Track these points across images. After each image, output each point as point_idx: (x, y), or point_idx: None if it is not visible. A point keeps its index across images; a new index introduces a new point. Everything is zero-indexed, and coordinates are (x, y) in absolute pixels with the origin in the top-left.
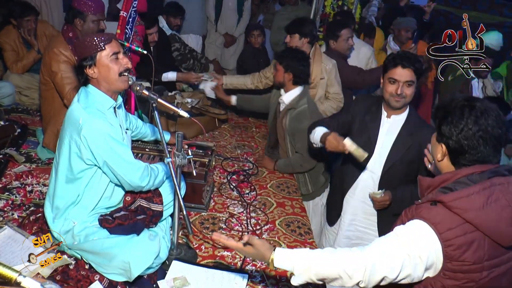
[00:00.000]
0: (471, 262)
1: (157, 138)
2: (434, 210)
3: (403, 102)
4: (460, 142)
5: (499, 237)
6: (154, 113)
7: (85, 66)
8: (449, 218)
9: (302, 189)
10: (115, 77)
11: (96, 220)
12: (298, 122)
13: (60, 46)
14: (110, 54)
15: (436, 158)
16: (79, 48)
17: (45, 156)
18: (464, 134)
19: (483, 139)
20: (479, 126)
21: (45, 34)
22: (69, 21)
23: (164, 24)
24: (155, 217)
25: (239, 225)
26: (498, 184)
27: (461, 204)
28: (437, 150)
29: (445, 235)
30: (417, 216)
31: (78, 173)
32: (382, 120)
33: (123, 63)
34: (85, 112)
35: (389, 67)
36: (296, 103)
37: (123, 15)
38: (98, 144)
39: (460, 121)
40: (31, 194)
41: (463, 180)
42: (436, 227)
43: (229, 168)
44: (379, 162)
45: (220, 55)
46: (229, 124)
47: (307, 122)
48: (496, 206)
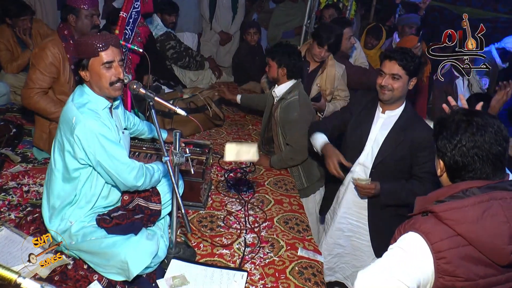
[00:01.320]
0: (464, 278)
1: (154, 136)
2: (426, 220)
3: (389, 95)
4: (455, 158)
5: (494, 255)
6: (151, 111)
7: (79, 67)
8: (440, 228)
9: (297, 184)
10: (106, 85)
11: (94, 220)
12: (288, 112)
13: (50, 45)
14: (103, 62)
15: (437, 172)
16: (77, 47)
17: (41, 156)
18: (458, 151)
19: (478, 156)
20: (474, 142)
21: (40, 33)
22: (64, 19)
23: (159, 22)
24: (153, 216)
25: (237, 223)
26: (499, 199)
27: (453, 216)
28: (437, 165)
29: (436, 246)
30: (410, 228)
31: (73, 172)
32: (377, 115)
33: (115, 73)
34: (79, 111)
35: (381, 60)
36: (286, 94)
37: (122, 15)
38: (90, 144)
39: (454, 137)
40: (28, 194)
41: (459, 195)
42: (427, 237)
43: (226, 166)
44: (371, 156)
45: (215, 52)
46: (226, 121)
47: (296, 114)
48: (492, 221)
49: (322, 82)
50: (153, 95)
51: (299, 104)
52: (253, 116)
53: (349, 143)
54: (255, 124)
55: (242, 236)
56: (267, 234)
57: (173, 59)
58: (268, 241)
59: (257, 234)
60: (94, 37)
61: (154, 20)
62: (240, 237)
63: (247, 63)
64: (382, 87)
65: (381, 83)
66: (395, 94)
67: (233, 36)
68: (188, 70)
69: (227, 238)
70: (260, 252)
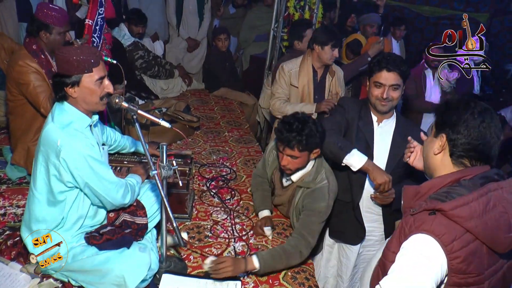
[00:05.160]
0: (476, 274)
1: (136, 149)
2: (436, 221)
3: (389, 105)
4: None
5: (496, 245)
6: (135, 125)
7: (67, 84)
8: (451, 228)
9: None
10: (96, 100)
11: (82, 239)
12: (314, 201)
13: (25, 58)
14: (96, 78)
15: (432, 151)
16: (63, 62)
17: (15, 176)
18: (469, 123)
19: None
20: (483, 117)
21: (4, 47)
22: (32, 33)
23: (126, 31)
24: (141, 230)
25: (224, 231)
26: (493, 190)
27: (462, 213)
28: (434, 144)
29: (450, 247)
30: (417, 230)
31: (59, 195)
32: (374, 126)
33: (106, 87)
34: (63, 133)
35: (375, 71)
36: (311, 182)
37: (88, 23)
38: (78, 167)
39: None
40: (5, 217)
41: (456, 188)
42: (441, 239)
43: (207, 174)
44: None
45: (182, 59)
46: (201, 130)
47: (324, 204)
48: (494, 213)
49: (333, 86)
50: (137, 108)
51: (329, 190)
52: (228, 123)
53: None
54: (231, 131)
55: (231, 245)
56: (256, 241)
57: (142, 69)
58: (257, 248)
59: (245, 242)
60: (83, 52)
61: (121, 30)
62: (229, 246)
63: (217, 70)
64: (384, 99)
65: (383, 96)
66: (394, 103)
67: (201, 42)
68: (158, 79)
69: (216, 248)
70: None
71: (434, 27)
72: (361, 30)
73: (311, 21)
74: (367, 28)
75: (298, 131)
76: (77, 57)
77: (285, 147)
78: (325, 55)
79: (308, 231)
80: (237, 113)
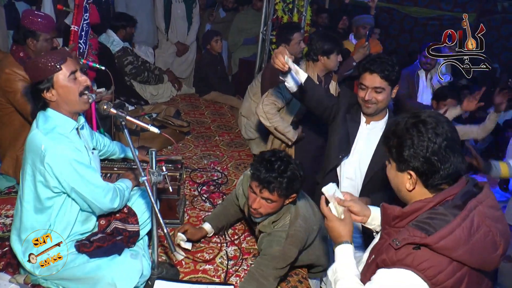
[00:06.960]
0: None
1: (126, 155)
2: (419, 255)
3: (374, 108)
4: (430, 160)
5: (485, 265)
6: (124, 131)
7: (42, 90)
8: (436, 261)
9: None
10: (76, 98)
11: (72, 247)
12: (269, 245)
13: (12, 66)
14: (68, 74)
15: (405, 188)
16: (32, 70)
17: (3, 186)
18: (432, 151)
19: (449, 147)
20: (441, 136)
21: None
22: (19, 41)
23: (114, 37)
24: (132, 237)
25: (216, 236)
26: (475, 208)
27: (448, 244)
28: (403, 181)
29: (435, 280)
30: (399, 264)
31: (46, 201)
32: (362, 126)
33: (82, 81)
34: (47, 138)
35: (360, 73)
36: (267, 226)
37: (74, 29)
38: (63, 171)
39: (422, 140)
40: None
41: (438, 212)
42: (425, 274)
43: (198, 179)
44: (360, 170)
45: (171, 63)
46: (192, 134)
47: (278, 248)
48: (479, 235)
49: (335, 90)
50: (125, 115)
51: (288, 236)
52: (219, 127)
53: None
54: (221, 135)
55: (223, 250)
56: (248, 245)
57: (132, 74)
58: (250, 252)
59: (238, 246)
60: (47, 54)
61: (110, 36)
62: (221, 250)
63: (209, 74)
64: (366, 101)
65: (364, 97)
66: (379, 106)
67: (190, 47)
68: (148, 84)
69: (208, 253)
70: (243, 264)
71: (423, 27)
72: (354, 31)
73: (299, 24)
74: (360, 29)
75: (280, 172)
76: (42, 60)
77: (263, 188)
78: (332, 63)
79: (260, 273)
80: (228, 117)
